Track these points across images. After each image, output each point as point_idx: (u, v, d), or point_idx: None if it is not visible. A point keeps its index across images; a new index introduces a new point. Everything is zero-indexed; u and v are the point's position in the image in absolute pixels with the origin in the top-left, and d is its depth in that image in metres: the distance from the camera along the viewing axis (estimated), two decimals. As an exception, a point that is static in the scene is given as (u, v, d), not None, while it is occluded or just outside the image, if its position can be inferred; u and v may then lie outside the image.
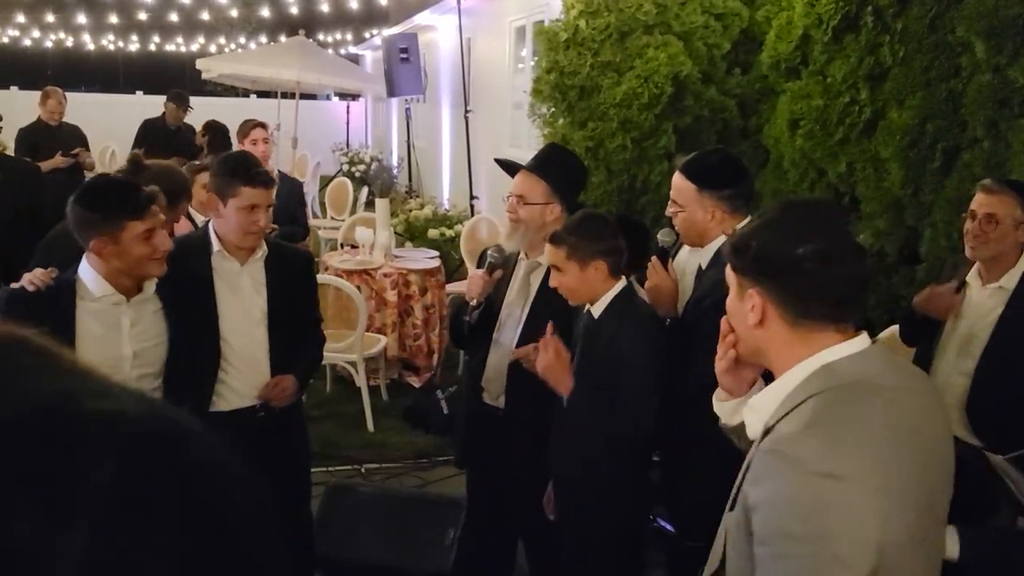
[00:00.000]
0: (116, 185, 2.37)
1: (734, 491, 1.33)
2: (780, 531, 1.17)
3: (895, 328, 3.49)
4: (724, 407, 1.68)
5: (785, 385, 1.33)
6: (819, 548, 1.13)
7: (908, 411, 1.30)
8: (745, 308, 1.36)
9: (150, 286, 2.36)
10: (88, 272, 2.25)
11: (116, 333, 2.28)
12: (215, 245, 2.60)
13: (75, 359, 0.47)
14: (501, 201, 2.84)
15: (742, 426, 1.64)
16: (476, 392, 2.75)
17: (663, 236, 2.78)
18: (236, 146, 4.97)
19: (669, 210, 2.58)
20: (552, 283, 2.39)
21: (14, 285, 2.25)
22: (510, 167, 2.80)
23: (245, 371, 2.62)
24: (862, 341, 1.33)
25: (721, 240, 2.48)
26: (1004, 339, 2.68)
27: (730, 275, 1.41)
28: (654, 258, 2.53)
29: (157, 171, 3.02)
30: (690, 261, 2.66)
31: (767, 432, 1.28)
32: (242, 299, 2.62)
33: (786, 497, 1.18)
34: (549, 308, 2.59)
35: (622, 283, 2.39)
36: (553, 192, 2.66)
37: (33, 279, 2.23)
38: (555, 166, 2.74)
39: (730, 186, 2.49)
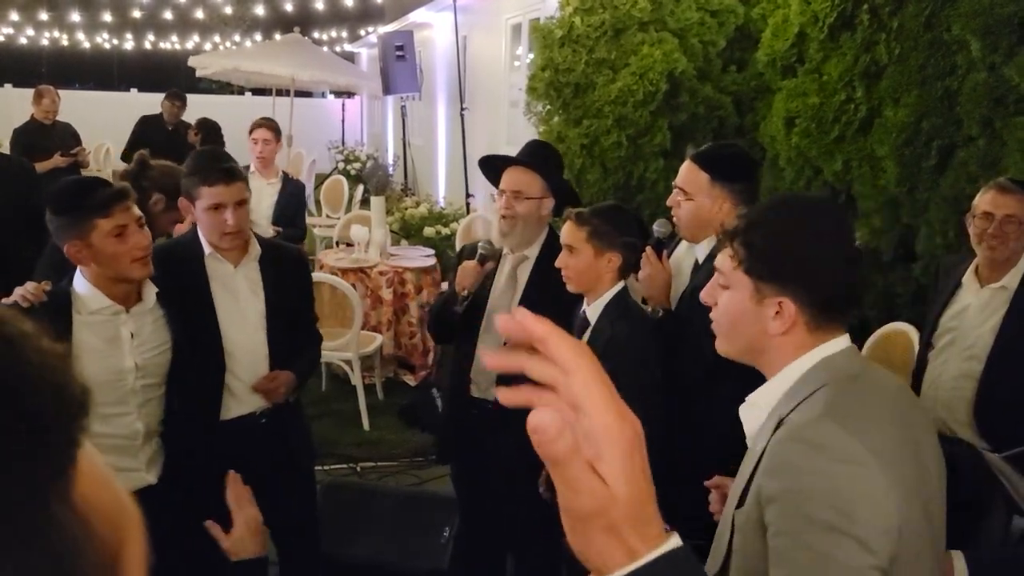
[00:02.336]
0: (77, 185, 2.24)
1: (740, 488, 1.31)
2: (805, 518, 1.16)
3: (891, 326, 3.50)
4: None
5: (785, 379, 1.33)
6: (844, 533, 1.13)
7: (900, 405, 1.32)
8: (764, 313, 1.33)
9: (150, 296, 2.26)
10: (82, 283, 2.16)
11: (116, 346, 2.19)
12: (206, 248, 2.50)
13: None
14: (492, 200, 2.83)
15: None
16: (463, 386, 2.75)
17: (659, 227, 2.77)
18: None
19: (673, 199, 2.53)
20: (558, 263, 2.37)
21: (6, 300, 2.12)
22: (496, 163, 2.78)
23: (246, 376, 2.54)
24: (847, 338, 1.35)
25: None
26: (1009, 339, 2.63)
27: (738, 280, 1.35)
28: (649, 248, 2.50)
29: (162, 170, 2.98)
30: (686, 257, 2.64)
31: (779, 425, 1.27)
32: (239, 301, 2.54)
33: (810, 484, 1.17)
34: (540, 301, 2.60)
35: (620, 285, 2.36)
36: (547, 186, 2.67)
37: (25, 294, 2.13)
38: (545, 160, 2.75)
39: (742, 180, 2.49)
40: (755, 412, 1.38)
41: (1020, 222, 2.62)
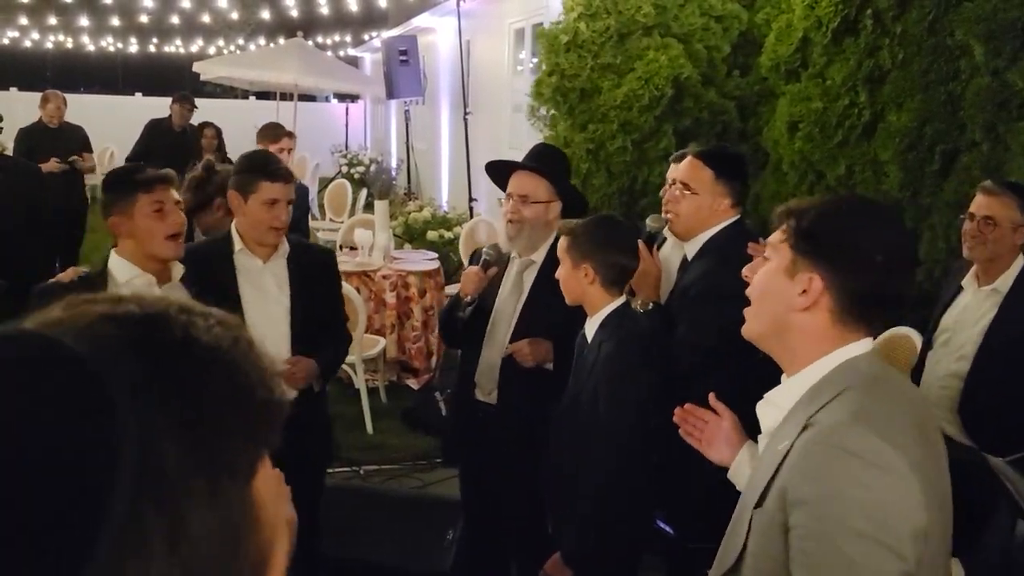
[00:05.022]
0: (128, 168, 2.52)
1: (760, 488, 1.30)
2: (837, 524, 1.16)
3: (894, 330, 3.50)
4: (732, 475, 1.68)
5: (806, 379, 1.33)
6: (877, 541, 1.14)
7: (919, 408, 1.33)
8: (793, 289, 1.33)
9: (177, 273, 2.40)
10: (116, 260, 2.35)
11: None
12: (237, 244, 2.62)
13: None
14: (497, 204, 2.83)
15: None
16: (468, 389, 2.75)
17: (652, 222, 2.81)
18: (256, 148, 4.95)
19: (671, 194, 2.59)
20: (556, 275, 2.39)
21: (50, 281, 2.34)
22: (502, 168, 2.78)
23: None
24: (871, 342, 1.35)
25: (710, 234, 2.56)
26: (996, 341, 2.69)
27: (781, 252, 1.36)
28: (641, 243, 2.51)
29: (226, 176, 3.09)
30: (673, 254, 2.70)
31: (805, 427, 1.26)
32: (265, 297, 2.63)
33: (843, 490, 1.17)
34: (543, 306, 2.61)
35: (618, 301, 2.30)
36: (554, 189, 2.67)
37: (63, 277, 2.38)
38: (552, 163, 2.75)
39: (741, 179, 2.60)
40: (773, 410, 1.38)
41: (997, 223, 2.67)
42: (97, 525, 0.40)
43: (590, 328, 2.32)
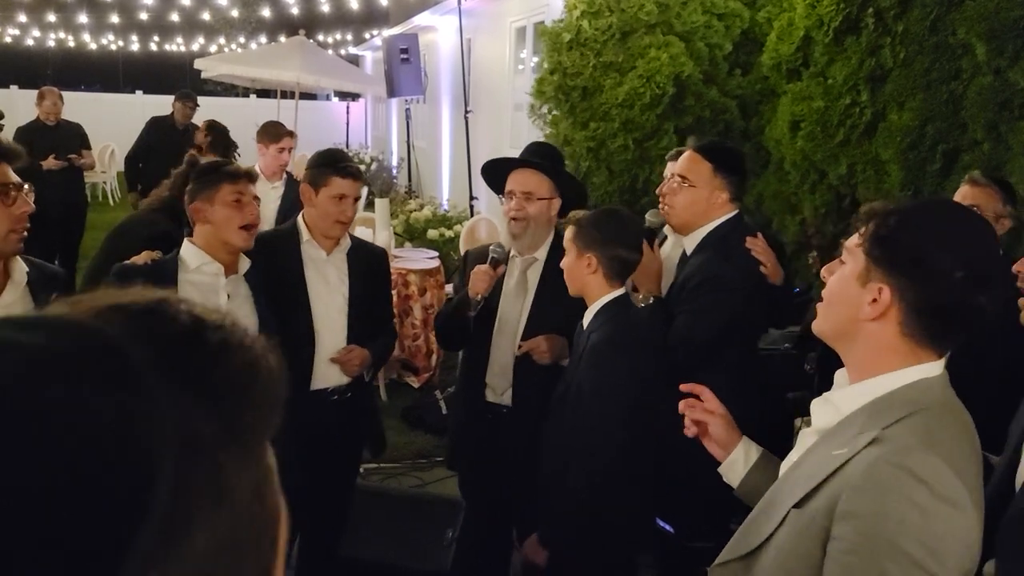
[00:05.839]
0: (219, 161, 2.72)
1: (806, 487, 1.27)
2: (890, 545, 1.13)
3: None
4: (724, 471, 1.67)
5: (873, 387, 1.30)
6: (927, 572, 1.12)
7: (975, 439, 1.30)
8: (863, 297, 1.29)
9: (244, 265, 2.54)
10: (189, 248, 2.50)
11: (214, 304, 2.40)
12: (304, 235, 2.77)
13: None
14: (499, 202, 2.82)
15: (752, 484, 1.61)
16: (478, 391, 2.73)
17: (651, 217, 2.85)
18: (258, 148, 4.94)
19: (669, 187, 2.64)
20: (561, 265, 2.39)
21: (126, 262, 2.49)
22: (498, 167, 2.77)
23: (324, 353, 2.76)
24: (942, 364, 1.31)
25: (709, 228, 2.59)
26: (977, 331, 2.71)
27: (856, 257, 1.31)
28: None
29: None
30: (674, 252, 2.73)
31: (873, 441, 1.22)
32: (328, 286, 2.78)
33: (904, 514, 1.14)
34: (550, 302, 2.60)
35: (616, 292, 2.31)
36: (554, 186, 2.67)
37: (137, 259, 2.53)
38: (551, 160, 2.76)
39: (739, 174, 2.63)
40: (830, 410, 1.35)
41: (982, 212, 2.71)
42: (150, 492, 0.41)
43: (587, 318, 2.34)
